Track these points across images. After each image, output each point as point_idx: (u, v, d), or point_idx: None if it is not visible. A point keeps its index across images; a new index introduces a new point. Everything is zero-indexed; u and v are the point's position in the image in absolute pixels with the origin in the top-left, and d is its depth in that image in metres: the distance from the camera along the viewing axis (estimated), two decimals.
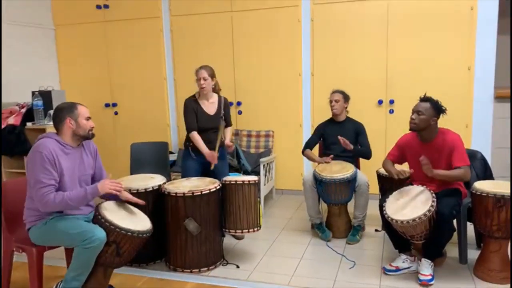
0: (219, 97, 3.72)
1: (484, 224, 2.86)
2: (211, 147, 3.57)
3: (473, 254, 3.13)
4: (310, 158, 3.90)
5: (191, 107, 3.62)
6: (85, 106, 2.69)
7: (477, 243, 3.35)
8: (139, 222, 2.64)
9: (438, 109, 2.97)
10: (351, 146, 3.59)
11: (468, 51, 4.21)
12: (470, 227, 3.16)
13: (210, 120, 3.62)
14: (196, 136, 3.58)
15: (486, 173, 3.35)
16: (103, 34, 5.33)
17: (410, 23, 4.33)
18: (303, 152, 3.91)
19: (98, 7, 5.25)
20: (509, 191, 2.77)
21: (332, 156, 3.73)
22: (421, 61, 4.34)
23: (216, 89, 3.71)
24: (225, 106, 3.72)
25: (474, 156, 3.32)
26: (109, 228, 2.46)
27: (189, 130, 3.62)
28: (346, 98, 3.79)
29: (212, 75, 3.60)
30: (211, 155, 3.51)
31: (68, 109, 2.61)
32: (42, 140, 2.54)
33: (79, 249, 2.42)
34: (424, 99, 3.02)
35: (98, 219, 2.50)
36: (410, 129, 3.04)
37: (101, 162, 2.88)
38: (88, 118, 2.65)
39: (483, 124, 4.30)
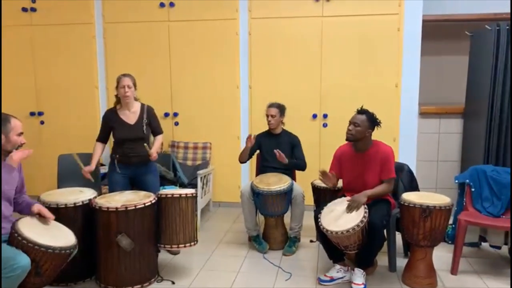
0: (142, 105, 3.58)
1: (411, 233, 3.02)
2: (138, 159, 3.46)
3: (401, 262, 3.29)
4: (243, 153, 3.83)
5: (107, 119, 3.55)
6: (18, 120, 2.55)
7: (405, 252, 3.52)
8: (61, 237, 2.49)
9: (373, 122, 3.12)
10: (286, 160, 3.65)
11: (395, 69, 4.48)
12: (398, 236, 3.32)
13: (131, 130, 3.47)
14: (95, 147, 3.57)
15: (412, 185, 3.55)
16: (29, 39, 5.00)
17: (343, 41, 4.52)
18: (239, 158, 3.88)
19: (24, 9, 4.94)
20: (433, 202, 2.95)
21: (254, 134, 3.78)
22: (353, 77, 4.55)
23: (136, 98, 3.58)
24: (148, 114, 3.55)
25: (401, 169, 3.51)
26: (27, 246, 2.29)
27: (96, 139, 3.60)
28: (282, 111, 3.85)
29: (135, 84, 3.49)
30: (85, 170, 3.44)
31: (5, 122, 2.45)
32: None
33: None
34: (361, 111, 3.16)
35: (14, 237, 2.32)
36: (347, 139, 3.16)
37: (23, 176, 2.74)
38: (20, 134, 2.52)
39: (409, 138, 4.56)
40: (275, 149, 3.66)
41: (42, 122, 5.11)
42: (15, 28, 5.00)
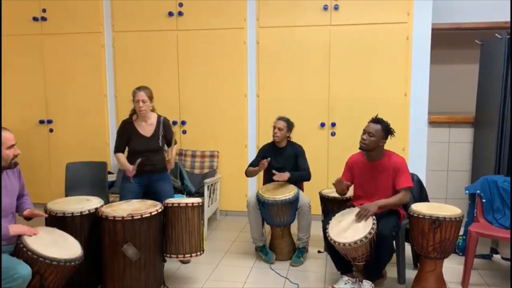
0: (158, 117, 3.61)
1: (421, 245, 2.97)
2: (153, 168, 3.49)
3: (410, 274, 3.24)
4: (252, 172, 3.81)
5: (124, 131, 3.55)
6: (8, 132, 2.45)
7: (414, 263, 3.46)
8: (67, 248, 2.47)
9: (387, 131, 3.08)
10: (287, 178, 3.59)
11: (404, 78, 4.44)
12: (407, 248, 3.26)
13: (147, 143, 3.51)
14: (118, 156, 3.55)
15: (422, 195, 3.50)
16: (40, 48, 5.05)
17: (351, 50, 4.50)
18: (246, 172, 3.87)
19: (35, 19, 5.00)
20: (443, 213, 2.90)
21: (268, 159, 3.67)
22: (361, 86, 4.52)
23: (153, 109, 3.61)
24: (164, 125, 3.60)
25: (411, 179, 3.45)
26: (32, 257, 2.27)
27: (114, 151, 3.59)
28: (289, 127, 3.80)
29: (151, 97, 3.50)
30: (130, 170, 3.45)
31: None
32: None
33: None
34: (376, 120, 3.11)
35: (19, 248, 2.31)
36: (360, 148, 3.12)
37: (23, 180, 2.71)
38: (11, 146, 2.42)
39: (418, 147, 4.52)
40: (280, 161, 3.65)
41: (51, 130, 5.14)
42: (26, 37, 5.06)
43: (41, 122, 5.14)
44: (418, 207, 3.03)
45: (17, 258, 2.30)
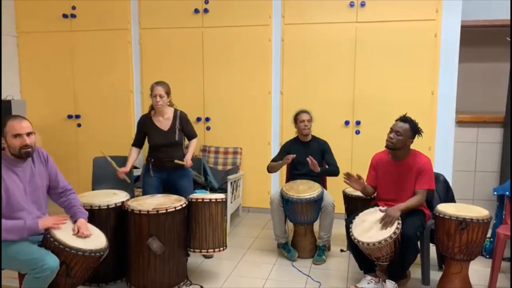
0: (175, 111, 3.65)
1: (446, 246, 2.92)
2: (172, 164, 3.54)
3: (435, 275, 3.18)
4: (275, 167, 3.79)
5: (141, 125, 3.65)
6: (18, 120, 2.40)
7: (439, 264, 3.41)
8: (92, 240, 2.52)
9: (415, 131, 3.03)
10: (318, 169, 3.59)
11: (432, 76, 4.36)
12: (432, 248, 3.21)
13: (164, 136, 3.56)
14: (131, 151, 3.68)
15: (448, 196, 3.43)
16: (69, 44, 5.18)
17: (378, 47, 4.45)
18: (267, 167, 3.87)
19: (65, 16, 5.12)
20: (470, 214, 2.84)
21: (294, 155, 3.64)
22: (387, 83, 4.46)
23: (171, 104, 3.66)
24: (181, 119, 3.63)
25: (437, 179, 3.39)
26: (58, 248, 2.33)
27: (132, 144, 3.71)
28: (311, 118, 3.82)
29: (168, 92, 3.56)
30: (119, 171, 3.58)
31: (2, 125, 2.39)
32: None
33: (29, 277, 2.27)
34: (404, 119, 3.06)
35: (47, 238, 2.37)
36: (386, 147, 3.08)
37: (56, 167, 2.69)
38: (17, 136, 2.36)
39: (445, 147, 4.44)
40: (305, 156, 3.61)
41: (79, 125, 5.27)
42: (56, 34, 5.19)
43: (69, 117, 5.26)
44: (444, 208, 2.97)
45: (45, 248, 2.37)
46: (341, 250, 3.81)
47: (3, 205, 2.36)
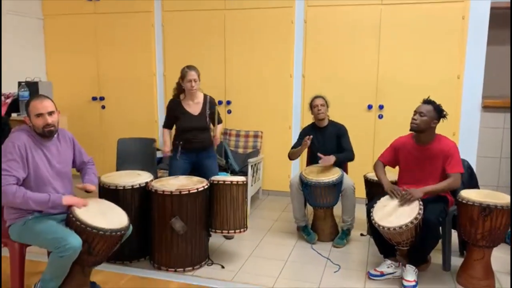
0: (205, 96, 3.69)
1: (469, 232, 2.89)
2: (200, 145, 3.61)
3: (456, 261, 3.16)
4: (295, 153, 3.79)
5: (171, 110, 3.68)
6: (40, 100, 2.48)
7: (460, 251, 3.38)
8: (114, 219, 2.57)
9: (439, 112, 3.00)
10: (332, 162, 3.57)
11: (458, 59, 4.25)
12: (454, 234, 3.19)
13: (195, 120, 3.60)
14: (164, 131, 3.76)
15: (472, 182, 3.39)
16: (93, 27, 5.24)
17: (402, 29, 4.35)
18: (288, 155, 3.87)
19: None
20: (494, 200, 2.80)
21: (311, 136, 3.61)
22: (411, 67, 4.37)
23: (199, 89, 3.69)
24: (211, 104, 3.68)
25: None
26: (80, 227, 2.40)
27: (163, 125, 3.79)
28: (327, 102, 3.77)
29: (199, 76, 3.59)
30: (166, 149, 3.71)
31: (26, 105, 2.51)
32: (16, 132, 2.50)
33: (53, 255, 2.35)
34: (427, 101, 3.05)
35: (69, 217, 2.45)
36: (411, 129, 3.05)
37: (80, 147, 2.82)
38: (39, 115, 2.44)
39: (470, 132, 4.35)
40: (321, 142, 3.64)
41: (103, 107, 5.36)
42: (80, 16, 5.26)
43: (94, 99, 5.36)
44: (468, 194, 2.93)
45: (68, 228, 2.44)
46: (361, 234, 3.82)
47: (31, 180, 2.45)
